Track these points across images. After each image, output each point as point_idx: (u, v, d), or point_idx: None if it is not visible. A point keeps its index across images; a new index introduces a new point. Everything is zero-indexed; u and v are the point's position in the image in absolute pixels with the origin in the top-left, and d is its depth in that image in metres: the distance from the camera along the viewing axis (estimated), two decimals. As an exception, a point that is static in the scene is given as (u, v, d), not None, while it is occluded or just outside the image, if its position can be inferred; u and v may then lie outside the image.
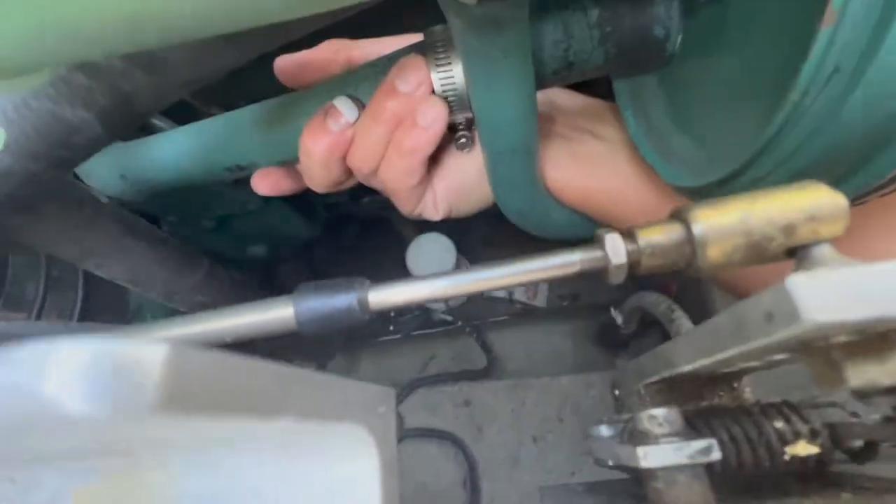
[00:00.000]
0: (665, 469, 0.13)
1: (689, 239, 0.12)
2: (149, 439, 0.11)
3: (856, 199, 0.20)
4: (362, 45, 0.33)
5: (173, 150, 0.39)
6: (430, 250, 0.77)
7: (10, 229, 0.31)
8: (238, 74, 0.59)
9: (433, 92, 0.25)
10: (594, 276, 0.13)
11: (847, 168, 0.20)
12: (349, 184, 0.33)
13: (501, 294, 0.88)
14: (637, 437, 0.14)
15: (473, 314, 0.88)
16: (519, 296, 0.89)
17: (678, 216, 0.13)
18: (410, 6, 0.39)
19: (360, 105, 0.28)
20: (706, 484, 0.13)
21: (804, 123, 0.18)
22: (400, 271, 0.74)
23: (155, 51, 0.27)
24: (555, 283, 0.89)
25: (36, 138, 0.26)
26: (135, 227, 0.37)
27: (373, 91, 0.27)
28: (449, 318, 0.85)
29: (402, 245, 0.76)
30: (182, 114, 0.55)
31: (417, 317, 0.86)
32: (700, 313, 0.23)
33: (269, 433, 0.14)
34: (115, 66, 0.28)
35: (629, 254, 0.13)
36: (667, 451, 0.13)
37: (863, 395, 0.11)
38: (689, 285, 0.76)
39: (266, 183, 0.37)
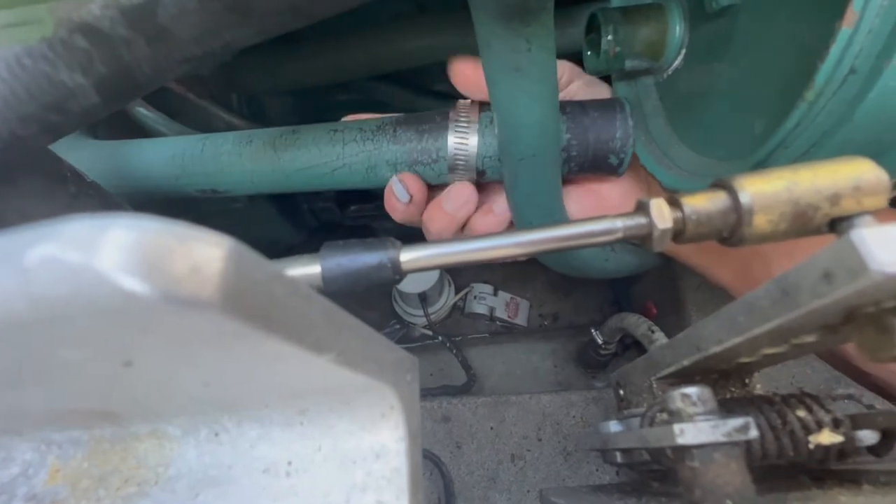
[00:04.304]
0: (701, 447, 0.13)
1: (735, 207, 0.12)
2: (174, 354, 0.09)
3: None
4: None
5: (147, 162, 0.38)
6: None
7: (-19, 197, 0.29)
8: (231, 68, 0.58)
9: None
10: (577, 295, 0.13)
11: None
12: None
13: (482, 311, 0.88)
14: (670, 416, 0.14)
15: (454, 330, 0.88)
16: (500, 313, 0.88)
17: (722, 185, 0.13)
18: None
19: (421, 183, 0.31)
20: (743, 463, 0.13)
21: (818, 123, 0.19)
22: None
23: (161, 21, 0.26)
24: (536, 303, 0.89)
25: (27, 100, 0.25)
26: (118, 209, 0.35)
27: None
28: (429, 332, 0.84)
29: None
30: (174, 106, 0.54)
31: (398, 330, 0.85)
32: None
33: (287, 398, 0.13)
34: (117, 33, 0.27)
35: (675, 220, 0.13)
36: (703, 428, 0.13)
37: (912, 361, 0.11)
38: (669, 308, 0.77)
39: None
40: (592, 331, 0.75)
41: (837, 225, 0.12)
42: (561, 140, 0.28)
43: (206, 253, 0.06)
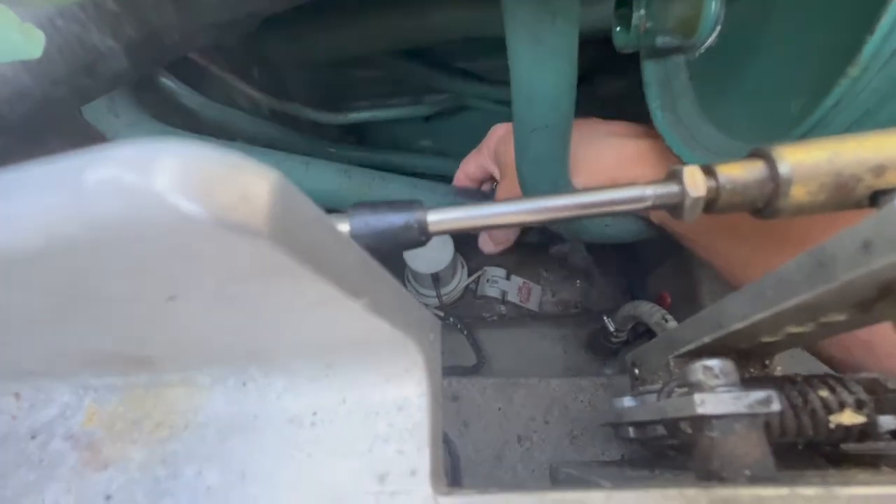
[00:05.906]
0: (721, 418, 0.13)
1: (773, 176, 0.12)
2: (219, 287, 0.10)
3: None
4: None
5: None
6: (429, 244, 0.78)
7: (13, 158, 0.29)
8: (253, 41, 0.58)
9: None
10: (591, 286, 0.13)
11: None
12: None
13: (495, 294, 0.88)
14: (690, 388, 0.14)
15: (465, 312, 0.88)
16: (512, 297, 0.88)
17: (760, 154, 0.13)
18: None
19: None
20: (763, 435, 0.13)
21: (861, 100, 0.18)
22: (397, 263, 0.73)
23: (189, -13, 0.27)
24: (548, 288, 0.89)
25: (59, 61, 0.25)
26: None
27: None
28: (441, 314, 0.85)
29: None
30: (195, 77, 0.54)
31: (410, 310, 0.85)
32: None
33: (314, 350, 0.13)
34: (146, -3, 0.27)
35: (708, 189, 0.12)
36: (725, 399, 0.13)
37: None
38: (683, 299, 0.76)
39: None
40: (605, 318, 0.74)
41: (880, 198, 0.12)
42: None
43: (256, 183, 0.06)
